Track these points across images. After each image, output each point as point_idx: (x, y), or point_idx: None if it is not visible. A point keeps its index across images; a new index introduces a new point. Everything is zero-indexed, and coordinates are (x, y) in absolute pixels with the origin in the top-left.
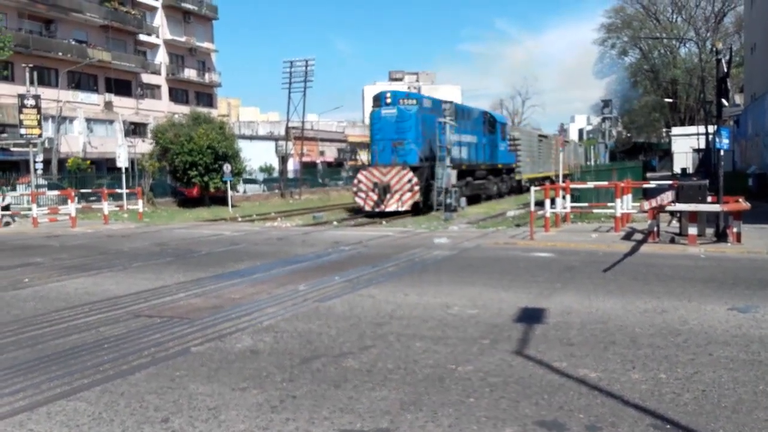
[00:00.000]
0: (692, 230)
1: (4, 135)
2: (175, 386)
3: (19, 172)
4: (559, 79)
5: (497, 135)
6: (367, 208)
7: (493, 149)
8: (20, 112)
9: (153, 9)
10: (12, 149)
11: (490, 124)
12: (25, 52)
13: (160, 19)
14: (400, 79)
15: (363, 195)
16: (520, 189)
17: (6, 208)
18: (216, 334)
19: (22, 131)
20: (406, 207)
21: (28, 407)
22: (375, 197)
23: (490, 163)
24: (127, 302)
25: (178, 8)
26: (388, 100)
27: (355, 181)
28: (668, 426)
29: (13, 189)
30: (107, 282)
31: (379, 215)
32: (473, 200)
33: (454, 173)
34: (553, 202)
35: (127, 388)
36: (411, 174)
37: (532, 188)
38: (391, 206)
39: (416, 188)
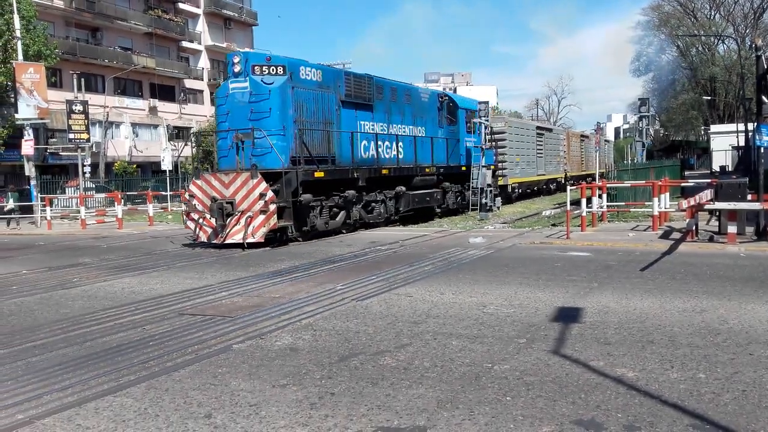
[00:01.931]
0: (732, 229)
1: (54, 140)
2: (218, 383)
3: (68, 176)
4: (594, 78)
5: (459, 126)
6: (203, 238)
7: (454, 146)
8: (69, 117)
9: (195, 16)
10: (61, 153)
11: (449, 111)
12: (72, 59)
13: (201, 26)
14: (436, 81)
15: (196, 217)
16: (507, 197)
17: (10, 212)
18: (257, 332)
19: (71, 136)
20: (258, 237)
21: (76, 403)
22: (214, 221)
23: (446, 165)
24: (171, 301)
25: (219, 15)
26: (237, 68)
27: (186, 196)
28: (708, 426)
29: (63, 192)
30: (152, 281)
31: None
32: (406, 220)
33: (489, 173)
34: (589, 201)
35: (171, 385)
36: (264, 185)
37: (568, 187)
38: (235, 236)
39: (271, 207)
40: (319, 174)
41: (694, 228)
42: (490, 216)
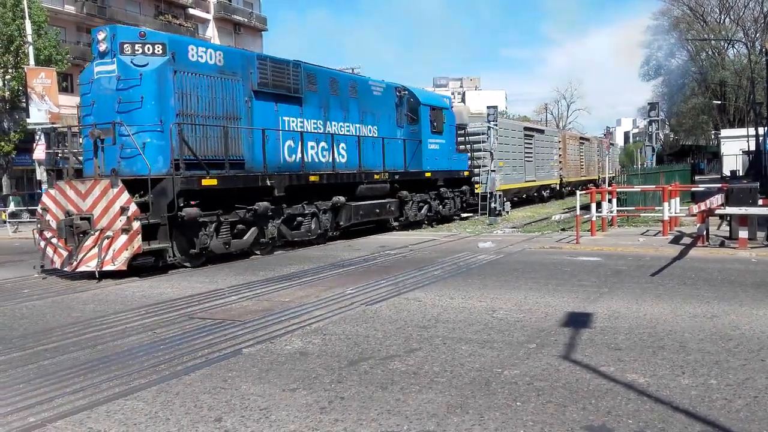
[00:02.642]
0: (743, 234)
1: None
2: (228, 386)
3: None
4: (604, 82)
5: (421, 125)
6: (58, 263)
7: (415, 148)
8: (80, 122)
9: (205, 21)
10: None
11: (410, 108)
12: (83, 64)
13: (211, 31)
14: (445, 86)
15: (50, 236)
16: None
17: (13, 215)
18: (266, 336)
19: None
20: (119, 265)
21: (88, 406)
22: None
23: (403, 171)
24: (181, 305)
25: (229, 20)
26: (102, 46)
27: (39, 210)
28: None
29: None
30: (163, 285)
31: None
32: (345, 235)
33: (497, 177)
34: (599, 205)
35: (182, 388)
36: (126, 197)
37: (578, 192)
38: (90, 262)
39: (135, 225)
40: (209, 182)
41: (704, 233)
42: (499, 220)
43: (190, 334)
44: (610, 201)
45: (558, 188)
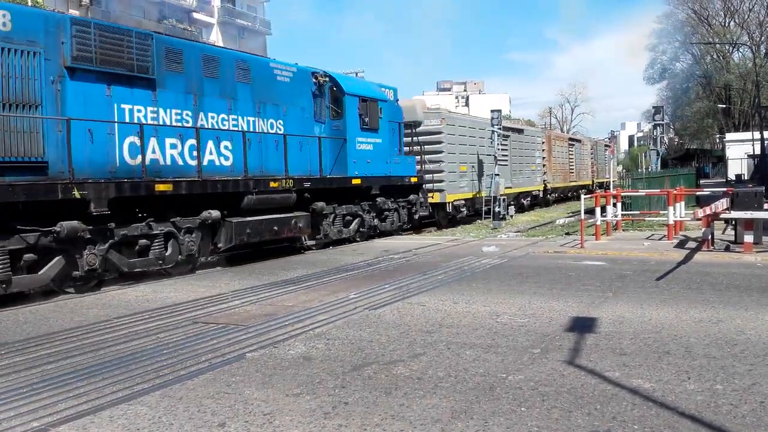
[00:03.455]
0: (748, 238)
1: None
2: (231, 391)
3: None
4: (608, 86)
5: (348, 121)
6: None
7: (338, 149)
8: None
9: (209, 25)
10: None
11: (333, 100)
12: None
13: (216, 35)
14: (449, 89)
15: None
16: (454, 220)
17: None
18: (270, 340)
19: None
20: None
21: (91, 411)
22: None
23: (319, 177)
24: (184, 309)
25: (233, 24)
26: None
27: None
28: None
29: None
30: (166, 290)
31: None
32: (235, 260)
33: (503, 182)
34: (603, 210)
35: (185, 393)
36: None
37: (582, 196)
38: None
39: None
40: None
41: (709, 237)
42: (503, 224)
43: (194, 338)
44: (614, 205)
45: (541, 195)
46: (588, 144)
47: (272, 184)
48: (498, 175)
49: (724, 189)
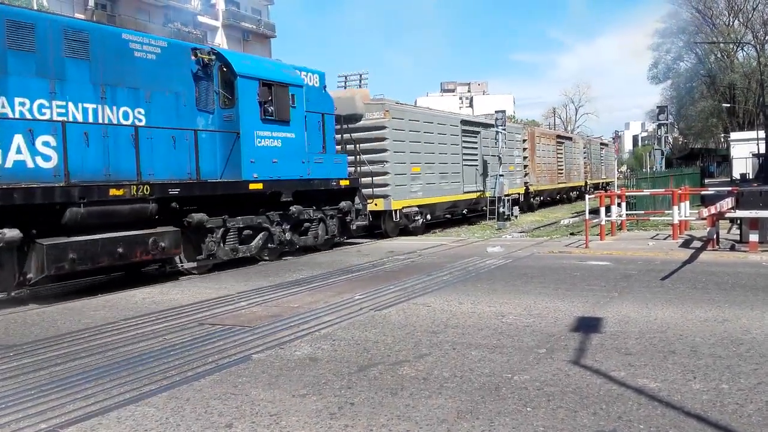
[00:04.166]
0: (753, 237)
1: None
2: (238, 392)
3: None
4: (613, 86)
5: (242, 109)
6: None
7: (228, 145)
8: None
9: (214, 28)
10: None
11: (224, 83)
12: None
13: (220, 38)
14: (452, 90)
15: None
16: (395, 229)
17: None
18: (276, 341)
19: None
20: None
21: (99, 412)
22: None
23: (196, 182)
24: (191, 311)
25: (238, 27)
26: None
27: None
28: None
29: None
30: (172, 291)
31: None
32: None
33: (507, 182)
34: (608, 209)
35: (192, 394)
36: None
37: (587, 196)
38: None
39: None
40: None
41: (714, 236)
42: (508, 225)
43: (200, 340)
44: (619, 205)
45: (522, 199)
46: (580, 142)
47: (114, 192)
48: (502, 175)
49: (729, 188)
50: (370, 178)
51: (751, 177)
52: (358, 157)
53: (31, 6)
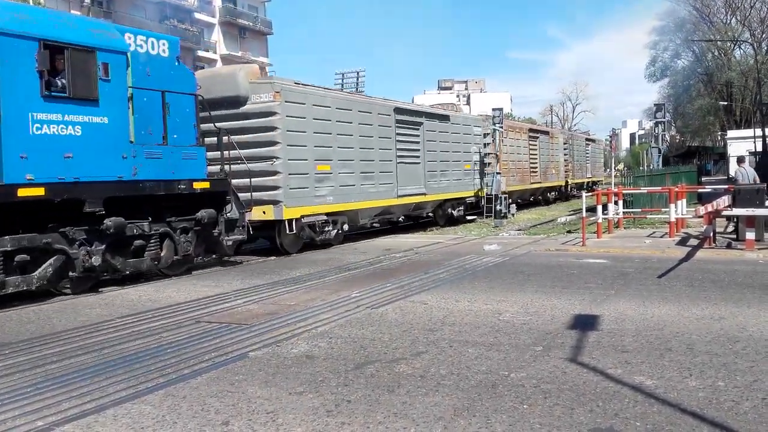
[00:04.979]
0: (750, 235)
1: None
2: (235, 390)
3: None
4: (610, 84)
5: (5, 81)
6: None
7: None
8: None
9: (210, 25)
10: None
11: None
12: None
13: (217, 35)
14: (450, 88)
15: None
16: (312, 244)
17: None
18: (273, 339)
19: None
20: None
21: (95, 410)
22: None
23: None
24: (187, 309)
25: (235, 24)
26: None
27: None
28: None
29: None
30: (169, 289)
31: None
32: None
33: (503, 180)
34: (605, 207)
35: (189, 392)
36: None
37: (584, 194)
38: None
39: None
40: None
41: (711, 234)
42: (505, 223)
43: (197, 337)
44: (616, 203)
45: (483, 202)
46: (560, 137)
47: None
48: (499, 173)
49: (726, 186)
50: (258, 179)
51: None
52: (220, 150)
53: (27, 2)
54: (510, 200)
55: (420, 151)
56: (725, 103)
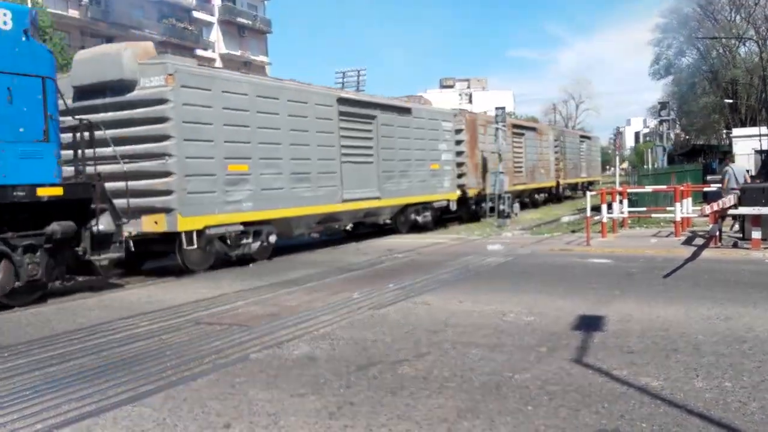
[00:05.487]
0: (756, 234)
1: None
2: (236, 392)
3: None
4: (614, 82)
5: None
6: None
7: None
8: None
9: (209, 24)
10: None
11: None
12: None
13: (216, 34)
14: (451, 86)
15: None
16: (227, 260)
17: None
18: (274, 341)
19: None
20: None
21: (95, 412)
22: None
23: None
24: (187, 310)
25: (234, 23)
26: None
27: None
28: None
29: None
30: (168, 291)
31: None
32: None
33: (506, 179)
34: (610, 207)
35: (189, 394)
36: None
37: (588, 194)
38: None
39: None
40: None
41: (717, 233)
42: (508, 222)
43: (197, 339)
44: (621, 202)
45: (454, 207)
46: (549, 134)
47: None
48: (502, 172)
49: (717, 186)
50: (146, 182)
51: (753, 174)
52: (89, 148)
53: (26, 3)
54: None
55: (373, 148)
56: (730, 101)
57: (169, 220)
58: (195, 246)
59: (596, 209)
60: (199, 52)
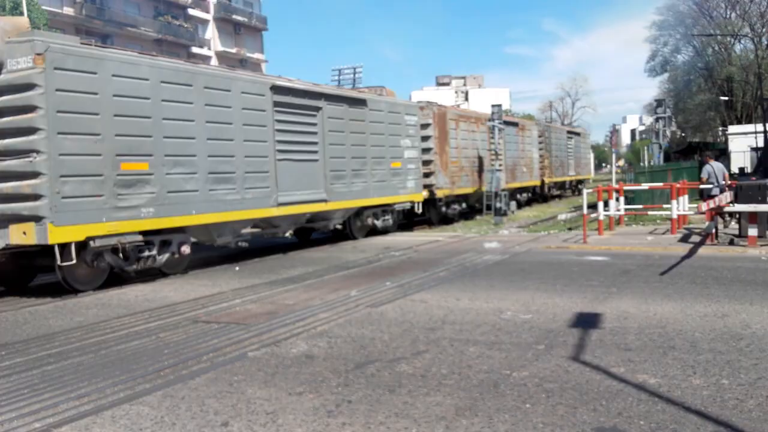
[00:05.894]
0: (752, 231)
1: None
2: (234, 390)
3: None
4: (610, 79)
5: None
6: None
7: None
8: None
9: (205, 22)
10: None
11: None
12: None
13: (211, 32)
14: (447, 84)
15: None
16: (117, 277)
17: None
18: (272, 339)
19: None
20: None
21: (93, 411)
22: None
23: None
24: (185, 309)
25: (229, 20)
26: None
27: None
28: None
29: None
30: (166, 289)
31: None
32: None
33: (503, 177)
34: (606, 204)
35: (187, 393)
36: None
37: (584, 191)
38: None
39: None
40: None
41: (713, 231)
42: (505, 220)
43: (195, 338)
44: (617, 199)
45: (419, 209)
46: (533, 129)
47: None
48: (499, 170)
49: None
50: (8, 184)
51: (749, 171)
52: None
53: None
54: (460, 207)
55: (319, 144)
56: (726, 98)
57: (38, 231)
58: (74, 261)
59: (593, 207)
60: (195, 49)
